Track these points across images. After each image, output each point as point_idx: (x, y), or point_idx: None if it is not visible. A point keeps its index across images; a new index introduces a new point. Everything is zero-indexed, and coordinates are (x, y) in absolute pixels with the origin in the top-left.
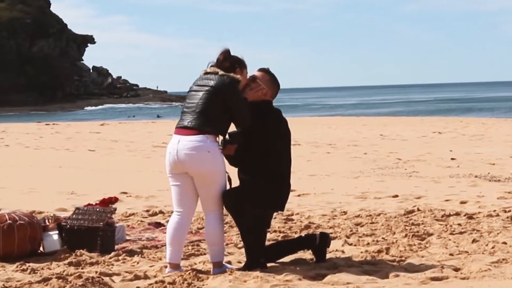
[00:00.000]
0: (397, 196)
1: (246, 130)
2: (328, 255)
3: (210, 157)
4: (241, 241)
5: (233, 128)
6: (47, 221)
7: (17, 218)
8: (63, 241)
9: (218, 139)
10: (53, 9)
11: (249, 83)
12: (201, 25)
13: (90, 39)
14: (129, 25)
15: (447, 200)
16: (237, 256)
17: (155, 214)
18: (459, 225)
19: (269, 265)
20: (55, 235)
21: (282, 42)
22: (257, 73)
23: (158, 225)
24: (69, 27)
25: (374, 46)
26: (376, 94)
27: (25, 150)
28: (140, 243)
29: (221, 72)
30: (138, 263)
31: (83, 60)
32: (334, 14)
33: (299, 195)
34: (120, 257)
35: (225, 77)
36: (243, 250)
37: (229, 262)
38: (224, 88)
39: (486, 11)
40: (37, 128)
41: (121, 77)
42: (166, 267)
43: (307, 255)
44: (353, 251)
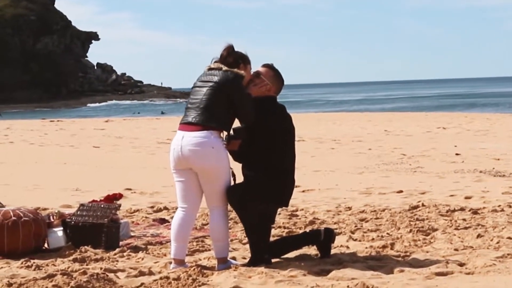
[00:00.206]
0: (401, 191)
1: (250, 125)
2: (332, 251)
3: (214, 152)
4: (245, 237)
5: (237, 123)
6: (51, 217)
7: (22, 214)
8: (68, 238)
9: (222, 135)
10: (57, 5)
11: (253, 78)
12: (205, 22)
13: (94, 36)
14: (134, 21)
15: (452, 195)
16: (242, 252)
17: (159, 210)
18: (464, 220)
19: (274, 260)
20: (59, 232)
21: (285, 37)
22: (261, 69)
23: (162, 221)
24: (73, 23)
25: (378, 41)
26: (380, 89)
27: (29, 147)
28: (144, 239)
29: (225, 67)
30: (142, 259)
31: (87, 56)
32: (337, 9)
33: (303, 191)
34: (124, 253)
35: (229, 72)
36: (247, 246)
37: (234, 258)
38: (228, 83)
39: (490, 6)
40: (41, 125)
41: (125, 74)
42: (170, 263)
43: (312, 250)
44: (358, 247)
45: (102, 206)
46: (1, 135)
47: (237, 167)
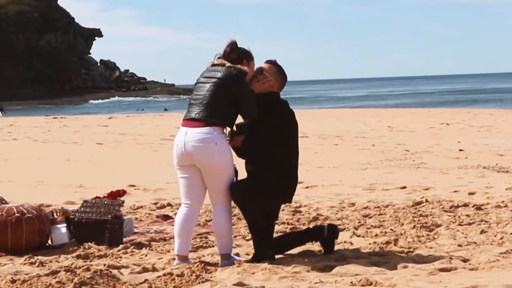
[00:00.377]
0: (405, 187)
1: (253, 121)
2: (336, 247)
3: (217, 149)
4: (249, 233)
5: (240, 119)
6: (55, 214)
7: (25, 211)
8: (71, 234)
9: (225, 131)
10: (60, 2)
11: (256, 75)
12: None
13: (97, 33)
14: (137, 18)
15: (455, 191)
16: (245, 248)
17: (163, 206)
18: (468, 216)
19: (277, 257)
20: (63, 228)
21: (289, 34)
22: (264, 65)
23: (166, 217)
24: (76, 20)
25: (381, 37)
26: (383, 86)
27: (33, 143)
28: (148, 235)
29: (228, 64)
30: (146, 255)
31: (90, 53)
32: (341, 5)
33: (307, 187)
34: (128, 250)
35: (232, 68)
36: (251, 242)
37: (237, 254)
38: (231, 79)
39: (492, 2)
40: (45, 121)
41: (128, 71)
42: (174, 259)
43: (316, 246)
44: (362, 243)
45: (105, 202)
46: (5, 132)
47: (240, 163)
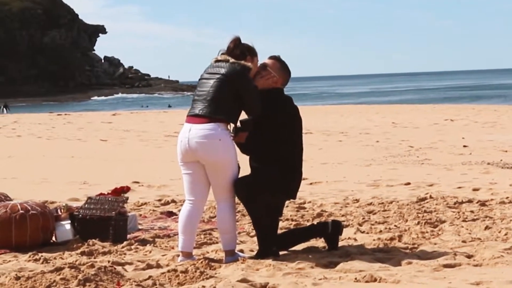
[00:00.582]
0: (409, 183)
1: (257, 117)
2: (340, 243)
3: (221, 145)
4: (253, 229)
5: (244, 115)
6: (59, 211)
7: (30, 208)
8: (76, 231)
9: (229, 127)
10: None
11: (260, 70)
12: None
13: (101, 29)
14: (141, 15)
15: (460, 187)
16: (250, 244)
17: (167, 203)
18: (472, 212)
19: (282, 253)
20: (67, 225)
21: (292, 30)
22: (267, 61)
23: (170, 214)
24: (80, 17)
25: (385, 33)
26: (387, 82)
27: (37, 140)
28: (152, 232)
29: (232, 59)
30: (150, 252)
31: (94, 50)
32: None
33: (311, 183)
34: (132, 246)
35: (236, 64)
36: (255, 238)
37: (242, 250)
38: (235, 75)
39: None
40: (49, 118)
41: (132, 67)
42: (178, 256)
43: (320, 243)
44: (366, 239)
45: (109, 199)
46: (9, 129)
47: (244, 160)
